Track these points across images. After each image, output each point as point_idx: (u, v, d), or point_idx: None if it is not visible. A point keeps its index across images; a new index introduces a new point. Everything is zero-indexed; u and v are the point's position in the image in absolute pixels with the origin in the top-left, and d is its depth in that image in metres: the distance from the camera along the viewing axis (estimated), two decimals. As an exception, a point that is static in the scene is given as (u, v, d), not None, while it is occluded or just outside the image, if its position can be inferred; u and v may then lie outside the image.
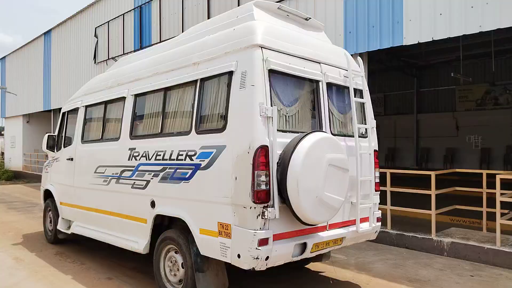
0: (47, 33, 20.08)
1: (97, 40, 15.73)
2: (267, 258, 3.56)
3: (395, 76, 24.93)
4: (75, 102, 6.82)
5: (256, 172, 3.54)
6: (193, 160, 4.12)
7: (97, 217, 5.68)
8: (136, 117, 5.20)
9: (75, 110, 6.70)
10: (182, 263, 4.22)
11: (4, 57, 25.21)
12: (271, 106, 3.69)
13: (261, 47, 3.78)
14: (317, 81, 4.30)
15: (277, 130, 3.73)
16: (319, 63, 4.37)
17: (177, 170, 4.29)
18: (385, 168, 6.85)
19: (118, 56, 14.37)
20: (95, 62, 15.86)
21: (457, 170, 7.50)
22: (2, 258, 5.92)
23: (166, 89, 4.70)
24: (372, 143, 4.74)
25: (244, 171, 3.61)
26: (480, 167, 21.10)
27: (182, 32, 11.76)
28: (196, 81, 4.29)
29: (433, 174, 6.48)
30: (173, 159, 4.37)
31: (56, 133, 7.13)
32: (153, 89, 4.91)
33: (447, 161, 23.00)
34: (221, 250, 3.76)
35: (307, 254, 3.98)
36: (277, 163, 3.68)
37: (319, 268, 5.58)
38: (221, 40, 4.19)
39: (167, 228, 4.51)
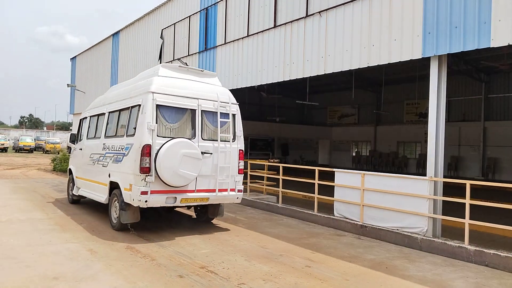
0: (116, 34, 21.03)
1: (163, 42, 16.21)
2: (146, 201, 6.80)
3: (461, 81, 23.64)
4: (85, 113, 10.52)
5: (142, 157, 6.80)
6: (123, 151, 7.47)
7: (89, 184, 9.23)
8: (108, 125, 8.67)
9: (85, 118, 10.31)
10: (118, 207, 7.36)
11: (75, 57, 26.76)
12: (155, 123, 6.95)
13: (152, 93, 7.04)
14: (194, 109, 7.46)
15: (159, 136, 6.98)
16: (197, 98, 7.50)
17: (118, 156, 7.69)
18: (451, 178, 6.42)
19: (183, 57, 14.71)
20: (160, 63, 16.37)
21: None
22: (78, 249, 6.16)
23: (120, 110, 8.16)
24: (238, 145, 7.99)
25: (138, 157, 6.85)
26: (556, 180, 19.44)
27: (247, 34, 11.84)
28: (129, 107, 7.66)
29: (521, 187, 5.95)
30: (117, 150, 7.77)
31: (76, 132, 10.87)
32: (115, 109, 8.42)
33: (518, 172, 21.44)
34: (130, 198, 6.98)
35: (178, 203, 7.18)
36: (155, 153, 6.82)
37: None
38: (141, 85, 7.58)
39: (115, 189, 7.67)
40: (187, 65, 14.28)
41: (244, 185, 11.88)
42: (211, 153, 7.52)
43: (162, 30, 16.35)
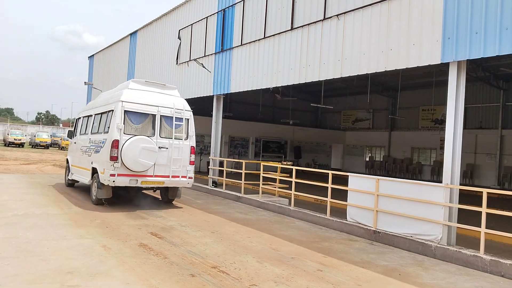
0: (133, 34, 21.26)
1: (180, 42, 16.32)
2: (113, 181, 8.99)
3: (478, 88, 23.30)
4: (80, 114, 12.96)
5: (112, 149, 8.96)
6: (101, 144, 9.54)
7: (79, 170, 11.44)
8: (94, 124, 10.84)
9: (79, 118, 12.71)
10: (96, 186, 9.62)
11: (93, 55, 27.13)
12: (123, 124, 9.13)
13: (122, 101, 9.23)
14: (155, 114, 9.66)
15: (125, 133, 9.15)
16: (157, 106, 9.67)
17: (97, 148, 9.81)
18: (466, 185, 6.32)
19: (199, 58, 14.80)
20: (177, 63, 16.48)
21: None
22: (92, 245, 6.23)
23: (102, 113, 10.36)
24: (190, 142, 10.07)
25: (109, 148, 9.02)
26: None
27: (264, 36, 11.86)
28: (107, 111, 9.84)
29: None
30: (98, 143, 9.88)
31: (73, 129, 13.20)
32: (98, 112, 10.67)
33: (534, 182, 20.98)
34: (103, 179, 9.15)
35: (139, 184, 9.40)
36: (121, 146, 8.98)
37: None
38: (116, 95, 9.85)
39: (95, 173, 9.81)
40: (203, 65, 14.39)
41: (256, 187, 11.90)
42: (167, 148, 9.73)
43: (179, 30, 16.48)
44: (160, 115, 9.69)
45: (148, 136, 9.39)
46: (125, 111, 9.27)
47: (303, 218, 9.60)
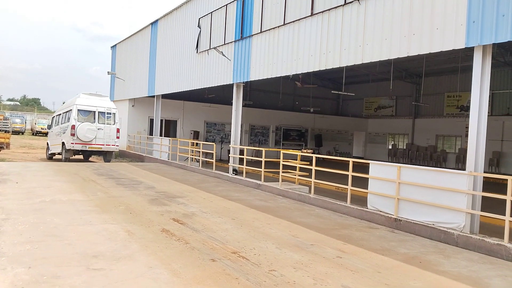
0: (154, 23, 21.39)
1: (200, 31, 16.35)
2: (73, 146, 17.36)
3: (506, 73, 22.58)
4: (55, 114, 21.64)
5: (71, 129, 17.24)
6: (66, 128, 17.80)
7: (55, 146, 19.35)
8: (62, 118, 19.14)
9: (54, 117, 21.13)
10: (64, 151, 17.87)
11: (115, 45, 27.46)
12: (77, 116, 17.55)
13: (76, 104, 17.77)
14: (95, 111, 17.96)
15: (78, 121, 17.47)
16: (96, 106, 18.03)
17: (64, 130, 18.00)
18: (492, 173, 6.16)
19: (219, 46, 14.81)
20: (197, 52, 16.54)
21: None
22: (116, 230, 6.41)
23: (66, 112, 18.73)
24: (116, 126, 18.23)
25: (70, 129, 17.39)
26: None
27: (284, 22, 11.76)
28: (69, 110, 18.25)
29: None
30: (64, 128, 18.07)
31: (50, 124, 21.42)
32: (64, 111, 19.06)
33: None
34: (67, 145, 17.46)
35: (87, 148, 17.73)
36: (76, 127, 17.26)
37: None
38: (73, 101, 18.42)
39: (64, 145, 18.13)
40: (223, 54, 14.41)
41: (276, 175, 11.96)
42: (102, 129, 17.55)
43: (199, 19, 16.49)
44: (98, 111, 17.68)
45: (91, 122, 17.37)
46: (78, 109, 17.27)
47: (323, 205, 9.60)
